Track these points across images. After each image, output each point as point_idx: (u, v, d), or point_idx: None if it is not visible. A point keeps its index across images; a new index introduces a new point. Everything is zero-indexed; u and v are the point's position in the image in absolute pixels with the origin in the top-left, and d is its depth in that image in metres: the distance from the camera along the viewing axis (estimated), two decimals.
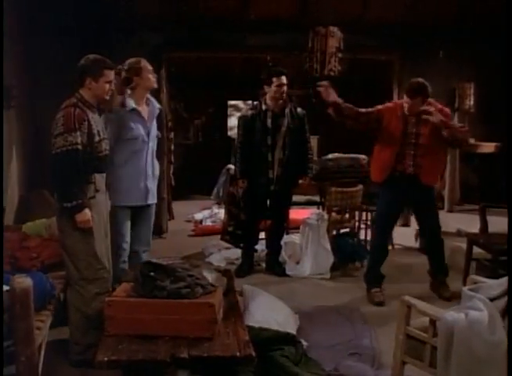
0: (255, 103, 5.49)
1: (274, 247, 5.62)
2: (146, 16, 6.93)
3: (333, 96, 4.62)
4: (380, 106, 4.82)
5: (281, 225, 5.71)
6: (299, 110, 5.38)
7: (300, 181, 5.44)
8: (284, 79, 5.15)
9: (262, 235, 5.86)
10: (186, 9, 6.83)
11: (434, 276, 4.94)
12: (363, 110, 4.75)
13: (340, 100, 4.65)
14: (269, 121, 5.21)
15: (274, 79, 5.13)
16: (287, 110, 5.26)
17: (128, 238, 4.20)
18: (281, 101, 5.22)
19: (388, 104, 4.92)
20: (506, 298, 2.59)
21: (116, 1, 6.72)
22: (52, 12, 6.20)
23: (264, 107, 5.23)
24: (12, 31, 5.02)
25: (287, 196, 5.56)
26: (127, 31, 6.88)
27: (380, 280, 4.88)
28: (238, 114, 7.66)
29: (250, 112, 5.37)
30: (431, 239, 4.94)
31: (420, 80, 4.61)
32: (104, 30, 6.63)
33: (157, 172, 4.39)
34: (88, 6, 6.44)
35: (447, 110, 4.78)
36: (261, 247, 5.86)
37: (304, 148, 5.40)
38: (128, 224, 4.20)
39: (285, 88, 5.16)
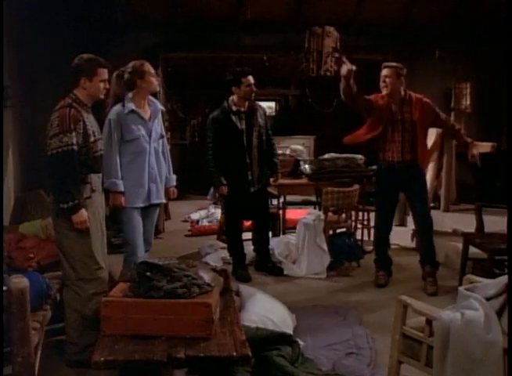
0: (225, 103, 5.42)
1: (262, 246, 5.59)
2: (143, 16, 6.93)
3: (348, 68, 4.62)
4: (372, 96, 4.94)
5: (266, 225, 5.67)
6: (262, 107, 5.43)
7: (271, 179, 5.50)
8: (252, 79, 5.13)
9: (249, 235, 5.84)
10: (182, 10, 6.83)
11: (422, 268, 5.04)
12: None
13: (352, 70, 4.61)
14: (243, 123, 5.20)
15: (243, 80, 5.11)
16: (256, 110, 5.28)
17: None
18: (248, 101, 5.22)
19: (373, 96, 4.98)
20: (501, 298, 2.60)
21: (113, 2, 6.71)
22: (48, 12, 6.18)
23: (234, 108, 5.20)
24: (6, 31, 4.99)
25: (266, 194, 5.60)
26: (124, 31, 6.88)
27: (388, 264, 5.18)
28: None
29: (221, 114, 5.27)
30: (421, 221, 5.01)
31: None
32: (101, 30, 6.63)
33: (164, 172, 4.38)
34: (86, 6, 6.43)
35: (426, 100, 4.89)
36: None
37: (270, 145, 5.43)
38: (141, 223, 4.23)
39: (253, 87, 5.15)
